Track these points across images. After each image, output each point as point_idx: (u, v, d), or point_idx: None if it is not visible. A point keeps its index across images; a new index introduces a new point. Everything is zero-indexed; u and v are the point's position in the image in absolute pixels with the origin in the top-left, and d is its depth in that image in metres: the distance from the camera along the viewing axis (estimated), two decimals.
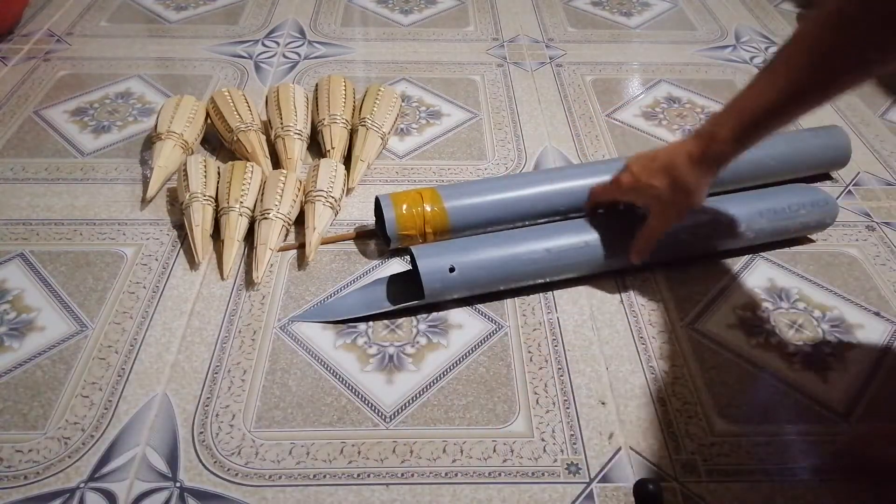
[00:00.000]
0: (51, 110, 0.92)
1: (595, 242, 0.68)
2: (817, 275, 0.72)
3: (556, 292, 0.69)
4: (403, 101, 0.95)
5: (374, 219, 0.75)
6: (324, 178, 0.75)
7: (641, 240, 0.67)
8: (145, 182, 0.80)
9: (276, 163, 0.82)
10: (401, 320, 0.66)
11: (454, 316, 0.67)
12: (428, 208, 0.70)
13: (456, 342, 0.64)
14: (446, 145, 0.89)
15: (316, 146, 0.85)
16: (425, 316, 0.67)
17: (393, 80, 1.01)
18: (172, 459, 0.55)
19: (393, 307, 0.66)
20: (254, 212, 0.73)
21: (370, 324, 0.66)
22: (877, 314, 0.69)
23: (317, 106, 0.87)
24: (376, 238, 0.75)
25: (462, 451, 0.56)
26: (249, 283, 0.69)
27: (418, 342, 0.64)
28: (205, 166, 0.76)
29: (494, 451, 0.56)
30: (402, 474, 0.54)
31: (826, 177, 0.85)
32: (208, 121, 0.87)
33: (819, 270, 0.73)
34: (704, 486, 0.54)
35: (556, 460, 0.55)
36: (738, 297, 0.70)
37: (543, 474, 0.55)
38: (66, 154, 0.85)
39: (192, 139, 0.83)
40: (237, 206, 0.72)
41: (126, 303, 0.67)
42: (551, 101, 0.97)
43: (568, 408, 0.59)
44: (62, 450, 0.55)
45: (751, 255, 0.74)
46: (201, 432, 0.57)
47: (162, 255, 0.72)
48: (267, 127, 0.86)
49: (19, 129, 0.89)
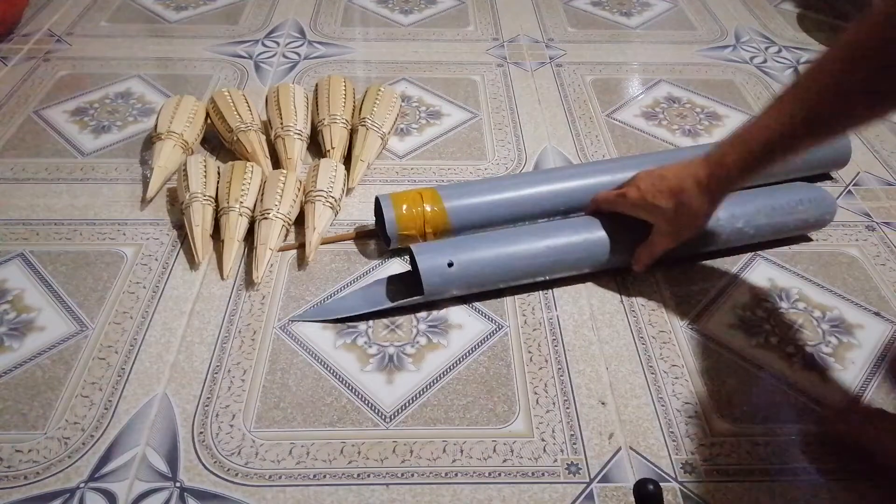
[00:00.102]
0: (51, 110, 0.92)
1: (596, 240, 0.68)
2: (817, 275, 0.72)
3: (556, 292, 0.69)
4: (403, 101, 0.95)
5: (374, 219, 0.75)
6: (324, 178, 0.75)
7: (643, 254, 0.67)
8: (145, 182, 0.80)
9: (276, 163, 0.82)
10: (401, 320, 0.66)
11: (454, 316, 0.67)
12: (428, 208, 0.70)
13: (456, 342, 0.64)
14: (446, 145, 0.89)
15: (316, 146, 0.85)
16: (425, 316, 0.67)
17: (393, 80, 1.01)
18: (172, 459, 0.55)
19: (393, 305, 0.66)
20: (254, 212, 0.73)
21: (370, 324, 0.66)
22: (877, 314, 0.69)
23: (317, 106, 0.87)
24: (376, 238, 0.75)
25: (462, 451, 0.56)
26: (249, 283, 0.69)
27: (418, 342, 0.64)
28: (205, 166, 0.76)
29: (494, 451, 0.56)
30: (402, 474, 0.54)
31: (826, 177, 0.85)
32: (208, 121, 0.87)
33: (819, 270, 0.73)
34: (704, 486, 0.54)
35: (556, 460, 0.55)
36: (738, 297, 0.70)
37: (543, 474, 0.55)
38: (66, 154, 0.85)
39: (192, 139, 0.83)
40: (237, 206, 0.72)
41: (126, 303, 0.67)
42: (551, 101, 0.97)
43: (568, 408, 0.59)
44: (62, 450, 0.55)
45: (751, 255, 0.74)
46: (201, 432, 0.57)
47: (162, 255, 0.72)
48: (267, 127, 0.86)
49: (19, 129, 0.89)
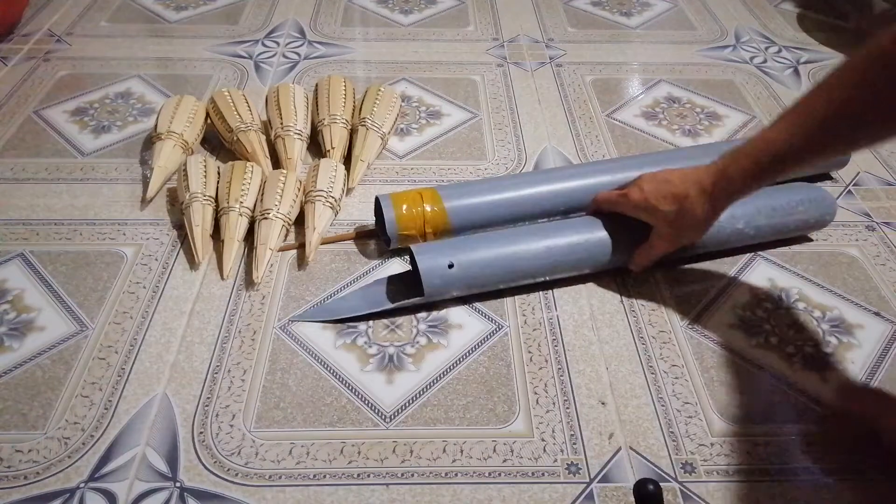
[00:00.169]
0: (51, 110, 0.92)
1: (596, 241, 0.68)
2: (817, 275, 0.72)
3: (556, 292, 0.69)
4: (403, 101, 0.95)
5: (374, 219, 0.75)
6: (324, 178, 0.75)
7: (642, 255, 0.68)
8: (145, 182, 0.80)
9: (276, 163, 0.82)
10: (401, 320, 0.66)
11: (454, 316, 0.67)
12: (428, 208, 0.70)
13: (456, 342, 0.64)
14: (446, 145, 0.89)
15: (316, 146, 0.85)
16: (425, 316, 0.67)
17: (393, 80, 1.01)
18: (172, 459, 0.55)
19: (393, 305, 0.66)
20: (254, 212, 0.73)
21: (370, 324, 0.66)
22: (877, 314, 0.69)
23: (317, 106, 0.87)
24: (376, 238, 0.75)
25: (462, 451, 0.56)
26: (249, 283, 0.69)
27: (418, 342, 0.64)
28: (205, 166, 0.76)
29: (494, 451, 0.56)
30: (402, 474, 0.54)
31: (826, 177, 0.85)
32: (208, 121, 0.87)
33: (819, 270, 0.73)
34: (704, 486, 0.54)
35: (556, 460, 0.55)
36: (738, 297, 0.70)
37: (543, 474, 0.55)
38: (66, 154, 0.85)
39: (192, 139, 0.83)
40: (237, 206, 0.72)
41: (126, 303, 0.67)
42: (551, 101, 0.97)
43: (568, 408, 0.59)
44: (62, 450, 0.55)
45: (751, 255, 0.74)
46: (201, 432, 0.57)
47: (162, 255, 0.72)
48: (267, 127, 0.86)
49: (19, 129, 0.89)
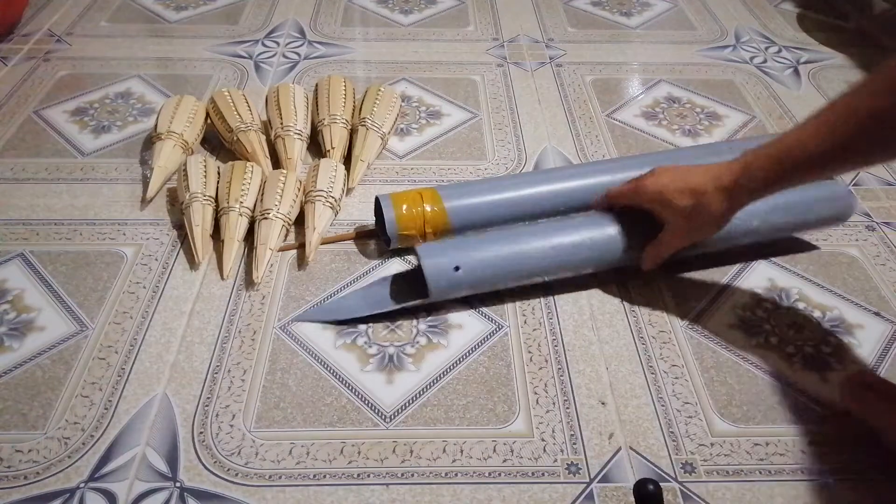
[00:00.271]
0: (51, 110, 0.92)
1: (605, 239, 0.67)
2: (817, 275, 0.72)
3: (556, 292, 0.69)
4: (403, 101, 0.95)
5: (374, 219, 0.75)
6: (324, 178, 0.75)
7: (653, 252, 0.67)
8: (145, 182, 0.80)
9: (276, 163, 0.82)
10: (401, 320, 0.66)
11: (454, 316, 0.67)
12: (428, 208, 0.70)
13: (456, 342, 0.64)
14: (446, 145, 0.89)
15: (316, 146, 0.85)
16: (425, 316, 0.67)
17: (393, 80, 1.01)
18: (172, 459, 0.55)
19: (397, 306, 0.66)
20: (254, 212, 0.73)
21: (370, 324, 0.66)
22: (877, 314, 0.69)
23: (317, 106, 0.87)
24: (376, 238, 0.75)
25: (462, 451, 0.56)
26: (249, 283, 0.69)
27: (418, 342, 0.64)
28: (205, 166, 0.76)
29: (494, 451, 0.56)
30: (402, 474, 0.54)
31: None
32: (208, 121, 0.87)
33: (819, 270, 0.73)
34: (704, 486, 0.54)
35: (556, 460, 0.55)
36: (738, 297, 0.70)
37: (543, 474, 0.55)
38: (66, 154, 0.85)
39: (192, 139, 0.83)
40: (237, 206, 0.72)
41: (126, 303, 0.67)
42: (551, 101, 0.97)
43: (568, 408, 0.59)
44: (62, 450, 0.55)
45: (751, 255, 0.74)
46: (201, 432, 0.57)
47: (162, 255, 0.72)
48: (267, 127, 0.86)
49: (19, 129, 0.89)
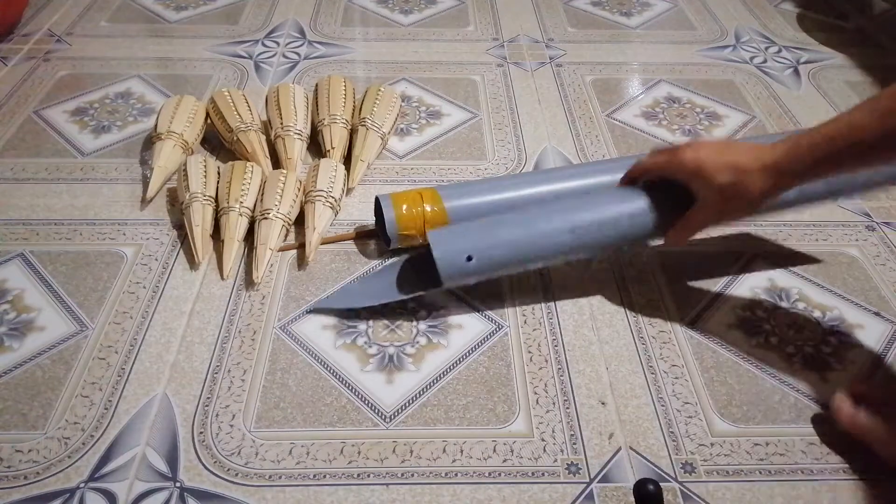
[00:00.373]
0: (51, 110, 0.92)
1: (627, 216, 0.64)
2: (817, 275, 0.72)
3: (556, 292, 0.69)
4: (403, 101, 0.95)
5: (374, 219, 0.75)
6: (324, 178, 0.75)
7: (681, 228, 0.63)
8: (145, 182, 0.80)
9: (276, 163, 0.82)
10: (401, 320, 0.66)
11: (454, 316, 0.67)
12: (428, 208, 0.70)
13: (456, 342, 0.64)
14: (446, 145, 0.89)
15: (316, 146, 0.85)
16: (425, 316, 0.67)
17: (393, 80, 1.01)
18: (172, 459, 0.55)
19: (409, 295, 0.65)
20: (254, 212, 0.73)
21: (370, 323, 0.66)
22: (877, 314, 0.69)
23: (317, 106, 0.87)
24: (376, 238, 0.75)
25: (462, 451, 0.56)
26: (249, 283, 0.69)
27: (418, 342, 0.64)
28: (205, 166, 0.76)
29: (494, 451, 0.56)
30: (402, 474, 0.54)
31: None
32: (208, 121, 0.87)
33: (819, 270, 0.73)
34: (704, 486, 0.54)
35: (556, 460, 0.55)
36: (738, 297, 0.70)
37: (543, 474, 0.55)
38: (66, 154, 0.85)
39: (192, 139, 0.83)
40: (237, 206, 0.72)
41: (126, 303, 0.67)
42: (551, 101, 0.97)
43: (568, 408, 0.59)
44: (62, 450, 0.55)
45: (751, 255, 0.74)
46: (201, 432, 0.57)
47: (162, 255, 0.72)
48: (267, 127, 0.86)
49: (19, 129, 0.89)
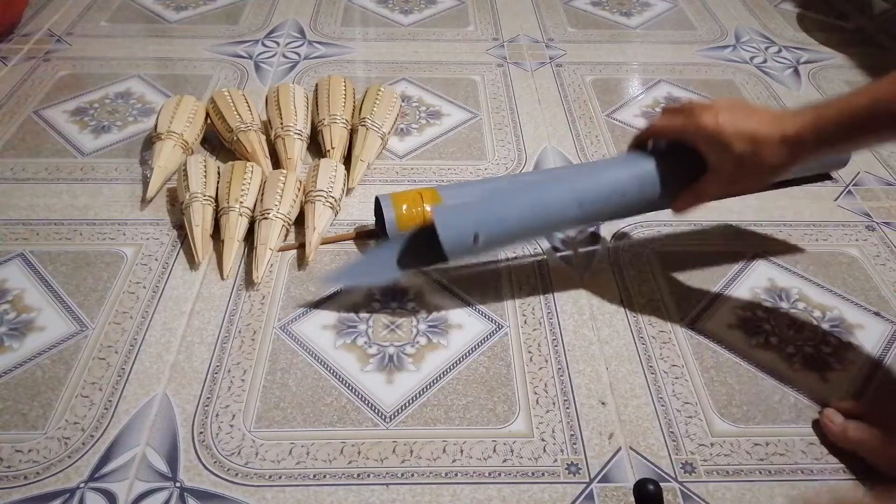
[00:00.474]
0: (51, 110, 0.92)
1: (633, 188, 0.62)
2: (817, 275, 0.72)
3: (556, 292, 0.69)
4: (403, 101, 0.95)
5: (374, 219, 0.75)
6: (324, 178, 0.75)
7: (691, 197, 0.62)
8: (145, 182, 0.80)
9: (276, 163, 0.82)
10: (401, 320, 0.66)
11: (454, 316, 0.67)
12: (428, 208, 0.69)
13: (456, 342, 0.64)
14: (446, 145, 0.89)
15: (316, 146, 0.85)
16: (425, 316, 0.67)
17: (393, 80, 1.01)
18: (172, 459, 0.55)
19: (425, 268, 0.66)
20: (254, 212, 0.73)
21: (370, 323, 0.66)
22: (877, 314, 0.69)
23: (317, 106, 0.87)
24: (376, 238, 0.75)
25: (462, 451, 0.56)
26: (249, 283, 0.69)
27: (418, 342, 0.64)
28: (205, 166, 0.76)
29: (494, 451, 0.56)
30: (402, 474, 0.54)
31: (826, 177, 0.85)
32: (208, 121, 0.87)
33: (819, 270, 0.73)
34: (704, 486, 0.54)
35: (556, 460, 0.55)
36: (738, 297, 0.70)
37: (543, 474, 0.55)
38: (66, 154, 0.85)
39: (192, 139, 0.83)
40: (237, 206, 0.72)
41: (126, 303, 0.67)
42: (551, 101, 0.97)
43: (568, 408, 0.59)
44: (62, 450, 0.55)
45: (751, 255, 0.74)
46: (201, 432, 0.57)
47: (162, 255, 0.72)
48: (267, 127, 0.86)
49: (19, 129, 0.89)
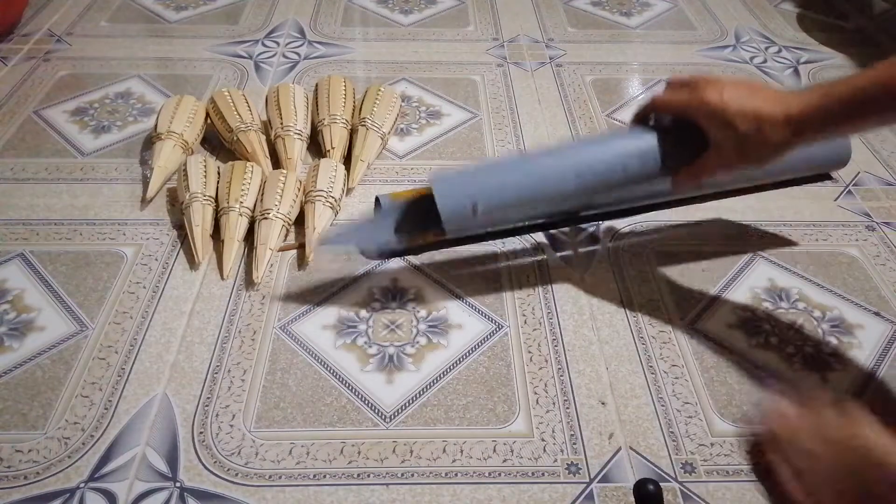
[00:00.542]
0: (51, 110, 0.92)
1: (634, 165, 0.61)
2: (817, 275, 0.72)
3: (556, 292, 0.69)
4: (403, 101, 0.95)
5: None
6: (324, 178, 0.75)
7: (692, 173, 0.61)
8: (145, 182, 0.80)
9: (276, 163, 0.82)
10: (401, 320, 0.66)
11: (454, 316, 0.67)
12: None
13: (456, 342, 0.64)
14: (446, 145, 0.89)
15: (316, 146, 0.85)
16: (425, 316, 0.67)
17: (393, 80, 1.01)
18: (172, 459, 0.55)
19: (422, 238, 0.63)
20: (254, 212, 0.73)
21: (370, 323, 0.66)
22: (877, 314, 0.69)
23: (317, 106, 0.87)
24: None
25: (462, 451, 0.56)
26: (249, 283, 0.69)
27: (418, 342, 0.64)
28: (205, 166, 0.76)
29: (494, 451, 0.56)
30: (402, 474, 0.54)
31: (826, 177, 0.85)
32: (208, 121, 0.87)
33: (819, 270, 0.73)
34: (704, 486, 0.54)
35: (556, 460, 0.55)
36: (738, 297, 0.70)
37: (543, 474, 0.55)
38: (66, 154, 0.85)
39: (192, 139, 0.83)
40: (237, 206, 0.72)
41: (126, 303, 0.67)
42: (551, 101, 0.97)
43: (568, 408, 0.59)
44: (62, 450, 0.55)
45: (751, 255, 0.74)
46: (201, 432, 0.57)
47: (162, 255, 0.72)
48: (267, 127, 0.86)
49: (19, 129, 0.89)
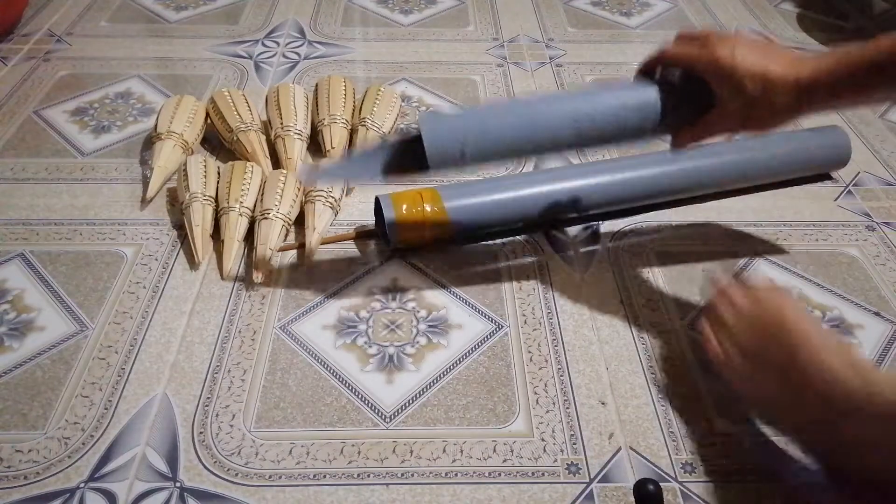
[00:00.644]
0: (51, 110, 0.92)
1: (634, 118, 0.60)
2: (817, 275, 0.72)
3: (555, 291, 0.69)
4: (403, 101, 0.95)
5: (374, 219, 0.75)
6: None
7: (694, 133, 0.59)
8: (145, 182, 0.80)
9: (276, 163, 0.82)
10: (401, 320, 0.66)
11: (454, 316, 0.67)
12: (428, 208, 0.70)
13: (456, 342, 0.64)
14: None
15: (316, 146, 0.85)
16: (425, 316, 0.67)
17: (393, 80, 1.01)
18: (172, 459, 0.55)
19: (408, 175, 0.60)
20: (254, 212, 0.73)
21: (370, 323, 0.66)
22: (877, 314, 0.69)
23: (317, 106, 0.87)
24: (376, 238, 0.75)
25: (462, 451, 0.56)
26: (249, 283, 0.69)
27: (418, 342, 0.64)
28: (205, 166, 0.76)
29: (494, 451, 0.56)
30: (402, 474, 0.54)
31: (826, 177, 0.85)
32: (208, 121, 0.87)
33: (819, 270, 0.73)
34: (704, 486, 0.54)
35: (556, 460, 0.55)
36: None
37: (543, 474, 0.55)
38: (66, 154, 0.85)
39: (192, 139, 0.83)
40: (237, 206, 0.72)
41: (126, 303, 0.67)
42: None
43: (568, 408, 0.59)
44: (62, 450, 0.55)
45: (751, 255, 0.74)
46: (201, 432, 0.57)
47: (162, 255, 0.72)
48: (267, 127, 0.86)
49: (19, 129, 0.89)
